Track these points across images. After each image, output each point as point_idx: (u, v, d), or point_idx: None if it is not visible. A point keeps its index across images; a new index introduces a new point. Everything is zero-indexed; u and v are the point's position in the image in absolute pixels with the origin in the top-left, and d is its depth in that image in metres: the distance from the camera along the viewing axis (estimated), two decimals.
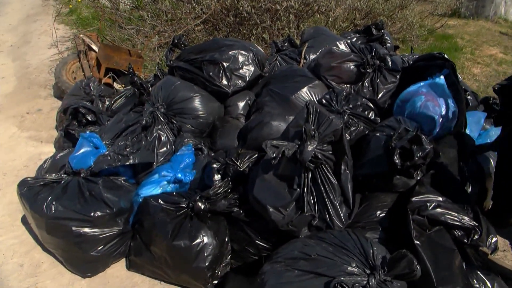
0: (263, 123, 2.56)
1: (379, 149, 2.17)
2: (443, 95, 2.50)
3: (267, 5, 5.25)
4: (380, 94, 2.74)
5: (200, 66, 3.00)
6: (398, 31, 5.96)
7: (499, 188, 2.48)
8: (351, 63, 2.82)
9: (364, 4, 5.40)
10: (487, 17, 9.58)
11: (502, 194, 2.48)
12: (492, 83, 5.46)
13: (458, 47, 6.83)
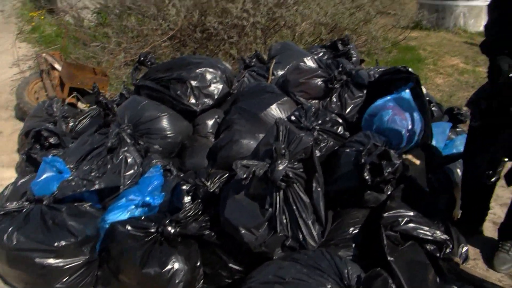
0: (232, 142, 2.53)
1: (350, 165, 2.17)
2: (409, 108, 2.53)
3: (234, 21, 5.27)
4: (348, 109, 2.77)
5: (167, 84, 2.96)
6: (363, 44, 6.09)
7: (466, 197, 2.52)
8: (319, 79, 2.84)
9: (329, 19, 5.49)
10: (447, 28, 9.92)
11: (469, 202, 2.52)
12: (455, 92, 5.64)
13: (421, 58, 7.02)
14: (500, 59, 1.92)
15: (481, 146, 2.21)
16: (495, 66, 1.93)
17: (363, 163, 2.03)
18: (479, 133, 2.23)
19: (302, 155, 2.00)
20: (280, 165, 1.91)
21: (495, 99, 1.99)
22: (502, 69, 1.89)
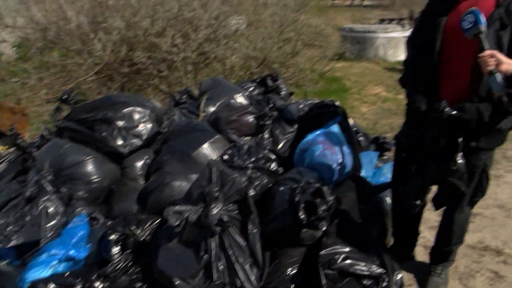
0: (163, 184, 2.43)
1: (284, 204, 2.16)
2: (338, 142, 2.60)
3: (163, 55, 5.21)
4: (280, 145, 2.80)
5: (92, 126, 2.81)
6: (291, 76, 6.27)
7: (397, 224, 2.60)
8: (250, 116, 2.85)
9: (258, 52, 5.60)
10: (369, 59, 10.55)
11: (400, 229, 2.60)
12: (379, 120, 5.93)
13: (346, 88, 7.36)
14: (417, 100, 2.02)
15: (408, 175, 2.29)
16: (414, 108, 2.03)
17: (298, 201, 2.03)
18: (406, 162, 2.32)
19: (237, 197, 1.96)
20: (214, 209, 1.86)
21: (426, 134, 2.07)
22: (420, 111, 1.99)
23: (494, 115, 1.88)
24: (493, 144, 2.06)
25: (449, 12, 1.96)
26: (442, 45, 1.96)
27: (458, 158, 1.95)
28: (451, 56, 1.96)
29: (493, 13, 1.82)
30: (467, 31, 1.75)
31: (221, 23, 5.93)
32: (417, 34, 2.19)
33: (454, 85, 1.98)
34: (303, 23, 7.20)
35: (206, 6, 6.09)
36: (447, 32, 1.95)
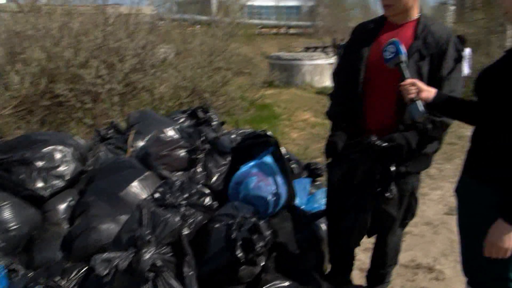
0: (90, 229, 2.26)
1: (221, 242, 2.10)
2: (272, 172, 2.59)
3: (87, 87, 4.98)
4: (214, 178, 2.74)
5: (8, 168, 2.57)
6: (222, 105, 6.27)
7: (333, 250, 2.62)
8: (182, 150, 2.77)
9: (188, 82, 5.55)
10: (297, 85, 10.90)
11: (336, 255, 2.62)
12: (310, 145, 6.08)
13: (276, 114, 7.51)
14: (336, 136, 2.08)
15: (345, 209, 2.31)
16: (331, 143, 2.09)
17: (234, 239, 1.97)
18: (340, 194, 2.35)
19: (170, 239, 1.87)
20: (146, 253, 1.76)
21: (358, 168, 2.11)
22: (337, 147, 2.05)
23: (420, 141, 1.98)
24: (420, 168, 2.16)
25: (371, 44, 2.05)
26: (366, 76, 2.05)
27: (392, 186, 2.01)
28: (376, 87, 2.05)
29: (412, 45, 1.94)
30: (388, 61, 1.83)
31: (148, 52, 5.83)
32: (341, 67, 2.27)
33: (380, 115, 2.06)
34: (232, 52, 7.29)
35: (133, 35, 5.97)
36: (370, 63, 2.03)
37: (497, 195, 1.42)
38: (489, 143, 1.50)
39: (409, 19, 2.01)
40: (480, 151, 1.57)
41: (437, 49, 1.94)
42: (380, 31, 2.07)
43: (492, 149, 1.48)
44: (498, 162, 1.45)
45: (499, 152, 1.44)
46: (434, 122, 1.93)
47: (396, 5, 1.95)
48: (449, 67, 1.95)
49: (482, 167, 1.53)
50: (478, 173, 1.55)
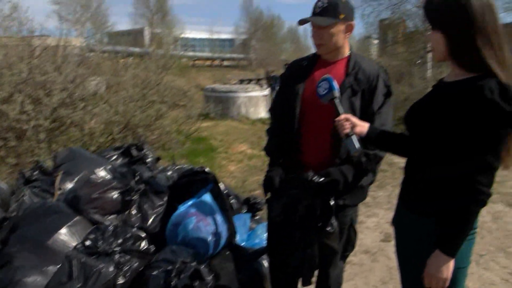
0: (14, 283, 2.04)
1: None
2: (211, 211, 2.53)
3: (10, 123, 4.64)
4: (150, 220, 2.60)
5: None
6: (157, 139, 6.12)
7: (276, 286, 2.56)
8: (115, 192, 2.61)
9: (120, 117, 5.36)
10: (232, 117, 10.99)
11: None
12: (248, 177, 6.06)
13: (213, 147, 7.47)
14: (273, 172, 2.08)
15: (284, 238, 2.28)
16: (268, 179, 2.08)
17: (174, 287, 1.87)
18: (282, 231, 2.31)
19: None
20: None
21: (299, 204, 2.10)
22: (274, 183, 2.04)
23: (356, 174, 2.02)
24: (357, 200, 2.21)
25: (306, 80, 2.10)
26: (302, 112, 2.08)
27: (332, 220, 2.02)
28: (311, 122, 2.09)
29: (344, 81, 2.01)
30: (322, 97, 1.87)
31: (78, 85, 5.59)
32: (277, 103, 2.29)
33: (316, 149, 2.09)
34: (166, 85, 7.20)
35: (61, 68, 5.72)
36: (305, 99, 2.08)
37: (433, 227, 1.46)
38: (420, 176, 1.56)
39: (341, 56, 2.09)
40: (412, 184, 1.62)
41: (368, 85, 2.02)
42: (314, 68, 2.14)
43: (423, 182, 1.53)
44: (430, 194, 1.50)
45: (430, 185, 1.50)
46: (368, 155, 1.99)
47: (328, 44, 2.03)
48: (379, 102, 2.04)
49: (416, 199, 1.58)
50: (413, 205, 1.60)
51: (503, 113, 1.31)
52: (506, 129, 1.34)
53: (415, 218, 1.57)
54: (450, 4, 1.41)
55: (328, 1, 1.96)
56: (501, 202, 4.76)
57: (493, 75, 1.36)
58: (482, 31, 1.37)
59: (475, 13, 1.37)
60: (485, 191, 1.36)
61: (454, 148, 1.40)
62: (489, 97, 1.31)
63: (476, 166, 1.36)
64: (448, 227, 1.41)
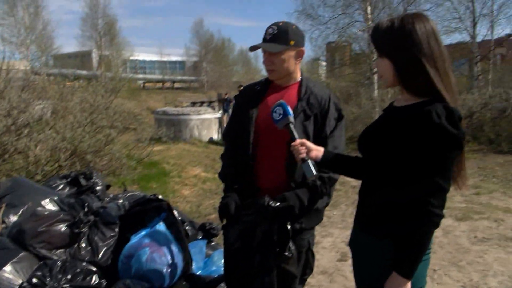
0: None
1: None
2: (166, 241, 2.46)
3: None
4: (101, 253, 2.48)
5: None
6: (107, 165, 5.93)
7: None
8: (62, 224, 2.48)
9: (68, 143, 5.15)
10: (185, 140, 10.89)
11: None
12: (202, 201, 5.98)
13: (166, 171, 7.32)
14: (229, 198, 2.07)
15: (242, 265, 2.25)
16: (223, 205, 2.07)
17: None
18: (237, 252, 2.28)
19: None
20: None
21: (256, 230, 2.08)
22: (229, 209, 2.03)
23: (311, 197, 2.04)
24: (314, 223, 2.22)
25: (259, 105, 2.12)
26: (256, 137, 2.09)
27: (290, 244, 2.02)
28: (265, 147, 2.10)
29: (297, 106, 2.04)
30: (277, 122, 1.89)
31: (22, 111, 5.33)
32: (231, 128, 2.29)
33: (271, 174, 2.10)
34: (115, 109, 7.03)
35: (3, 93, 5.45)
36: (259, 125, 2.09)
37: (389, 249, 1.49)
38: (374, 199, 1.59)
39: (293, 81, 2.13)
40: (367, 206, 1.65)
41: (320, 109, 2.07)
42: (266, 92, 2.16)
43: (377, 204, 1.56)
44: (384, 217, 1.53)
45: (384, 207, 1.53)
46: (323, 178, 2.03)
47: (279, 70, 2.07)
48: (332, 126, 2.09)
49: (371, 221, 1.60)
50: (368, 227, 1.63)
51: (451, 136, 1.36)
52: (454, 152, 1.40)
53: (371, 240, 1.59)
54: (396, 32, 1.47)
55: (278, 28, 2.01)
56: (450, 217, 4.96)
57: (441, 100, 1.41)
58: (428, 57, 1.43)
59: (420, 40, 1.43)
60: (438, 213, 1.39)
61: (405, 172, 1.44)
62: (437, 122, 1.36)
63: (427, 189, 1.40)
64: (404, 249, 1.44)
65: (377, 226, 1.57)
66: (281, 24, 2.05)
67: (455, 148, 1.39)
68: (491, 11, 15.67)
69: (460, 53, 16.89)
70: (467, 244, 4.17)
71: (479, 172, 7.79)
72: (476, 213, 5.14)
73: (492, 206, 5.49)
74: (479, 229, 4.60)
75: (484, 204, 5.63)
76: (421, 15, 1.49)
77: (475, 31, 15.35)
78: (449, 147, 1.38)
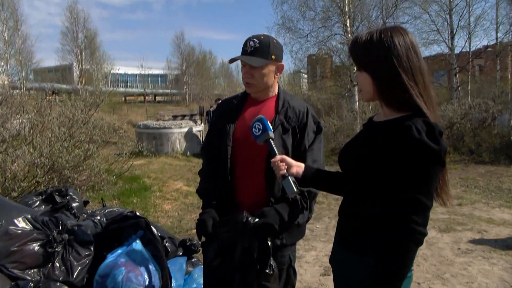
0: None
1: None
2: (143, 260, 2.40)
3: None
4: (76, 273, 2.40)
5: None
6: (86, 180, 5.81)
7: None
8: (35, 243, 2.40)
9: (45, 159, 5.03)
10: (167, 153, 10.77)
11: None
12: (184, 216, 5.90)
13: (147, 186, 7.22)
14: (206, 214, 2.03)
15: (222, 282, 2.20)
16: (201, 222, 2.02)
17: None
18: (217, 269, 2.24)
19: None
20: None
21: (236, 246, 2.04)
22: (207, 226, 1.99)
23: (292, 212, 2.01)
24: (295, 239, 2.18)
25: (236, 120, 2.09)
26: (233, 151, 2.05)
27: (271, 261, 1.98)
28: (243, 161, 2.06)
29: (275, 119, 2.02)
30: (257, 137, 1.86)
31: None
32: (208, 143, 2.26)
33: (250, 189, 2.06)
34: (95, 123, 6.92)
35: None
36: (237, 139, 2.06)
37: (370, 265, 1.45)
38: (355, 215, 1.56)
39: (270, 94, 2.11)
40: (347, 222, 1.63)
41: (298, 122, 2.05)
42: (244, 106, 2.14)
43: (358, 221, 1.53)
44: (366, 233, 1.50)
45: (365, 223, 1.50)
46: (302, 192, 2.00)
47: (258, 84, 2.04)
48: (310, 139, 2.07)
49: (352, 237, 1.57)
50: (348, 243, 1.60)
51: (432, 152, 1.32)
52: (436, 168, 1.36)
53: (351, 256, 1.56)
54: (375, 46, 1.44)
55: (260, 41, 1.99)
56: (434, 228, 4.98)
57: (421, 114, 1.39)
58: (407, 71, 1.41)
59: (399, 53, 1.41)
60: (421, 230, 1.35)
61: (386, 189, 1.41)
62: (417, 137, 1.33)
63: (409, 207, 1.36)
64: (386, 267, 1.39)
65: (357, 242, 1.54)
66: (263, 37, 2.03)
67: (437, 164, 1.35)
68: (468, 23, 16.06)
69: (439, 65, 17.23)
70: (451, 256, 4.19)
71: (461, 182, 7.89)
72: (459, 224, 5.18)
73: (475, 217, 5.54)
74: (463, 240, 4.62)
75: (467, 215, 5.68)
76: (400, 29, 1.48)
77: (453, 43, 15.68)
78: (430, 163, 1.34)
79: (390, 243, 1.38)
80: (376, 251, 1.41)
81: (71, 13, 33.66)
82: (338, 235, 1.69)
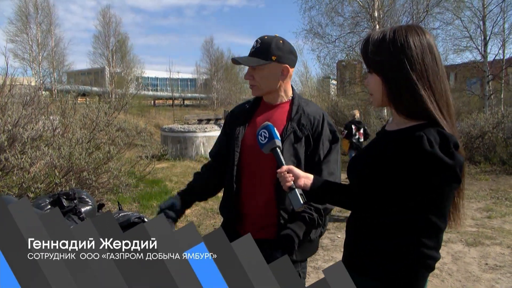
0: None
1: None
2: None
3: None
4: None
5: None
6: (106, 183, 5.78)
7: None
8: None
9: (64, 161, 5.02)
10: (191, 157, 10.74)
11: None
12: (203, 221, 5.80)
13: (168, 190, 7.16)
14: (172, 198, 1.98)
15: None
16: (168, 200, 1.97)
17: None
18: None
19: None
20: None
21: None
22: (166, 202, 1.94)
23: (307, 231, 1.83)
24: (307, 255, 1.99)
25: (247, 125, 1.93)
26: (242, 158, 1.89)
27: None
28: (252, 169, 1.89)
29: (287, 126, 1.83)
30: (263, 146, 1.68)
31: (21, 128, 5.24)
32: (217, 149, 2.10)
33: (257, 199, 1.88)
34: (118, 125, 6.94)
35: (5, 108, 5.38)
36: (245, 146, 1.88)
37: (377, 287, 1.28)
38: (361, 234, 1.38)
39: (284, 99, 1.93)
40: (354, 241, 1.44)
41: (312, 130, 1.86)
42: (256, 111, 1.97)
43: (365, 240, 1.35)
44: (371, 254, 1.32)
45: (372, 243, 1.31)
46: (319, 210, 1.81)
47: (260, 86, 1.87)
48: (326, 149, 1.87)
49: (357, 258, 1.38)
50: (354, 265, 1.42)
51: (445, 167, 1.14)
52: (450, 185, 1.18)
53: (357, 278, 1.39)
54: (387, 45, 1.26)
55: (262, 42, 1.84)
56: (460, 242, 4.71)
57: (435, 124, 1.20)
58: (421, 75, 1.22)
59: (413, 55, 1.22)
60: (432, 255, 1.19)
61: (395, 207, 1.23)
62: (428, 150, 1.14)
63: (419, 228, 1.19)
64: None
65: (364, 264, 1.35)
66: (266, 38, 1.87)
67: (451, 181, 1.17)
68: (502, 30, 15.48)
69: (471, 72, 16.66)
70: (478, 271, 3.92)
71: (491, 194, 7.50)
72: (487, 238, 4.87)
73: (505, 231, 5.21)
74: (491, 255, 4.33)
75: (496, 228, 5.35)
76: (417, 28, 1.28)
77: (486, 50, 15.13)
78: (443, 180, 1.16)
79: (398, 268, 1.20)
80: (383, 276, 1.24)
81: (103, 18, 34.52)
82: (344, 256, 1.50)
